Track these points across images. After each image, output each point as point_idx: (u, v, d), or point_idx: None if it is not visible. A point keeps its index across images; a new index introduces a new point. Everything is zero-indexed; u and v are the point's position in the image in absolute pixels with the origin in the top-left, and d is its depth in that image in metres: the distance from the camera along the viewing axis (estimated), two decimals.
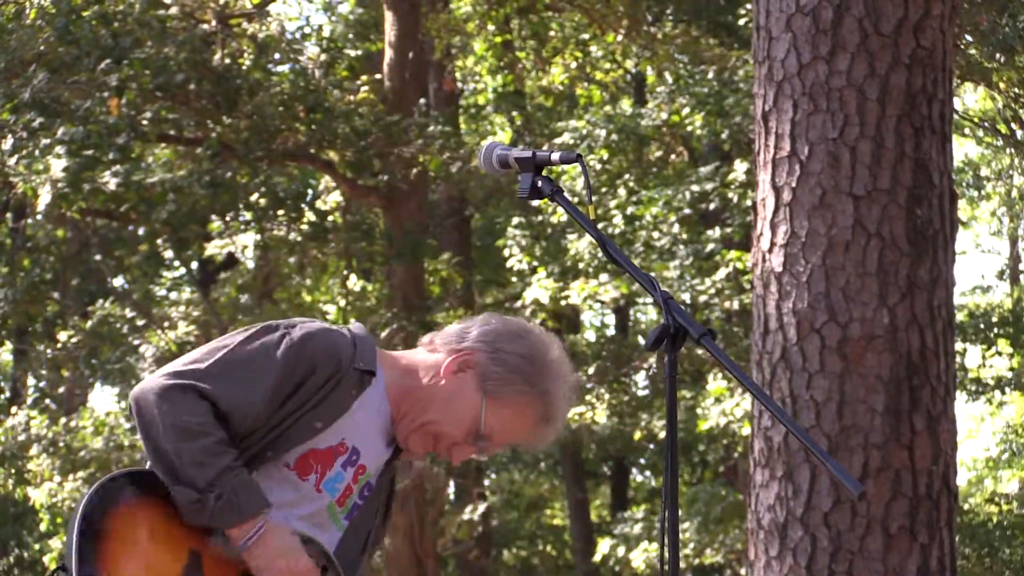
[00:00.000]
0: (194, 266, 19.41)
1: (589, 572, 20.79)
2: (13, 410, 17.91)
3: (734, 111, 14.37)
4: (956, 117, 14.46)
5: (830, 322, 5.82)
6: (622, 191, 15.56)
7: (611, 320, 24.72)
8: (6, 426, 16.65)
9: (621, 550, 16.63)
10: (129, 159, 13.93)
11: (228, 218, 15.62)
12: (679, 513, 3.08)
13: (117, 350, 16.63)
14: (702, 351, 12.68)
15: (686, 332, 3.07)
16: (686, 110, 14.98)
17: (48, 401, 21.21)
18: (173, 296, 19.51)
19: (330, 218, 16.44)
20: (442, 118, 16.54)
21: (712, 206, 15.28)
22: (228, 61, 14.64)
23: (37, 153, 13.17)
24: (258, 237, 15.96)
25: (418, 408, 3.42)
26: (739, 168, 14.63)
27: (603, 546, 17.27)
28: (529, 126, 19.61)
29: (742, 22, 15.61)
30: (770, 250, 5.97)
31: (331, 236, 15.98)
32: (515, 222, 16.42)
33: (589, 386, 16.43)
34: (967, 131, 19.23)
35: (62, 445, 15.99)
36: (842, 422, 5.76)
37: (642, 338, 21.56)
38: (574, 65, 17.68)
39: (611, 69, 18.47)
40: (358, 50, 18.09)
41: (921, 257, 5.87)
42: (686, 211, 15.00)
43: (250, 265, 18.64)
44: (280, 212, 15.32)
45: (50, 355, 17.72)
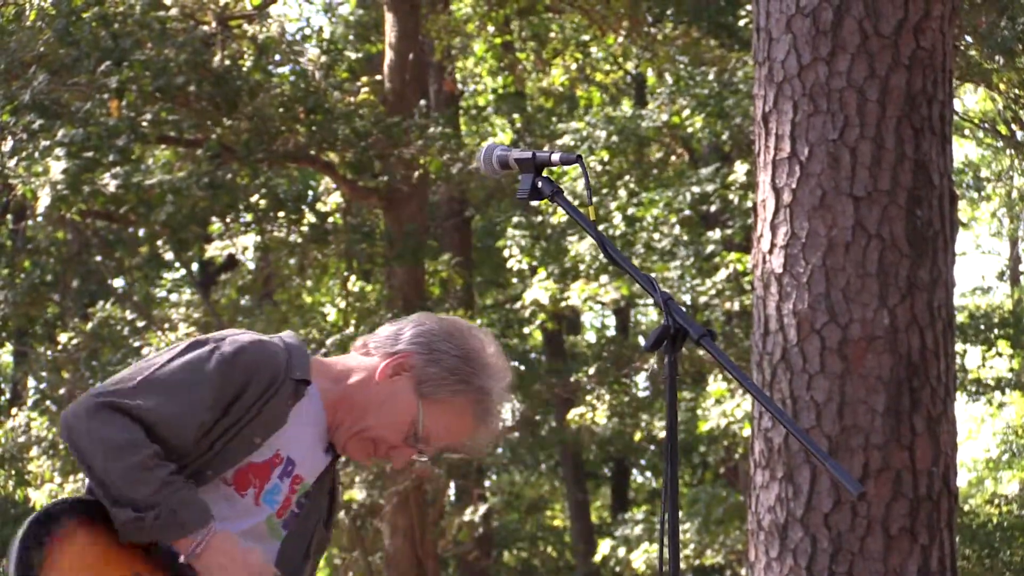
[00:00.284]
0: (194, 268, 19.41)
1: (590, 573, 20.78)
2: (13, 412, 17.88)
3: (734, 112, 14.37)
4: (956, 118, 14.45)
5: (830, 323, 5.82)
6: (622, 192, 15.55)
7: (611, 321, 24.75)
8: (6, 428, 16.63)
9: (622, 551, 16.61)
10: (129, 161, 13.92)
11: (228, 220, 15.61)
12: (679, 514, 3.08)
13: (118, 352, 16.58)
14: (702, 352, 12.72)
15: (686, 333, 3.06)
16: (686, 111, 14.97)
17: (48, 403, 21.15)
18: (173, 298, 19.49)
19: (330, 219, 16.42)
20: (442, 119, 16.53)
21: (712, 207, 15.28)
22: (228, 63, 14.63)
23: (37, 155, 13.14)
24: (258, 238, 15.94)
25: (354, 415, 3.36)
26: (739, 169, 14.62)
27: (604, 547, 17.24)
28: (529, 127, 19.60)
29: (742, 23, 15.60)
30: (770, 251, 5.97)
31: (331, 237, 15.96)
32: (515, 223, 16.41)
33: (589, 387, 16.45)
34: (967, 132, 19.24)
35: (62, 447, 15.97)
36: (842, 423, 5.77)
37: (642, 339, 21.57)
38: (574, 66, 17.69)
39: (611, 70, 18.49)
40: (358, 51, 18.11)
41: (921, 258, 5.88)
42: (686, 212, 15.00)
43: (250, 266, 18.63)
44: (280, 213, 15.30)
45: (50, 357, 17.67)
